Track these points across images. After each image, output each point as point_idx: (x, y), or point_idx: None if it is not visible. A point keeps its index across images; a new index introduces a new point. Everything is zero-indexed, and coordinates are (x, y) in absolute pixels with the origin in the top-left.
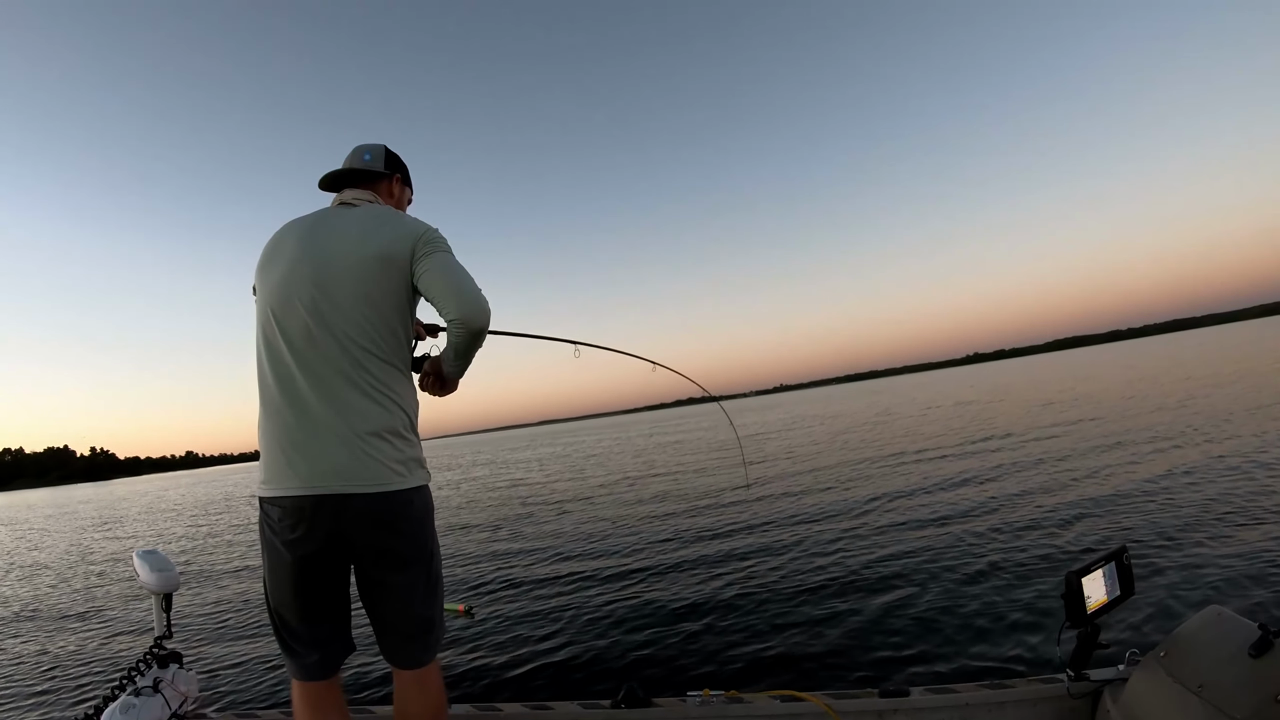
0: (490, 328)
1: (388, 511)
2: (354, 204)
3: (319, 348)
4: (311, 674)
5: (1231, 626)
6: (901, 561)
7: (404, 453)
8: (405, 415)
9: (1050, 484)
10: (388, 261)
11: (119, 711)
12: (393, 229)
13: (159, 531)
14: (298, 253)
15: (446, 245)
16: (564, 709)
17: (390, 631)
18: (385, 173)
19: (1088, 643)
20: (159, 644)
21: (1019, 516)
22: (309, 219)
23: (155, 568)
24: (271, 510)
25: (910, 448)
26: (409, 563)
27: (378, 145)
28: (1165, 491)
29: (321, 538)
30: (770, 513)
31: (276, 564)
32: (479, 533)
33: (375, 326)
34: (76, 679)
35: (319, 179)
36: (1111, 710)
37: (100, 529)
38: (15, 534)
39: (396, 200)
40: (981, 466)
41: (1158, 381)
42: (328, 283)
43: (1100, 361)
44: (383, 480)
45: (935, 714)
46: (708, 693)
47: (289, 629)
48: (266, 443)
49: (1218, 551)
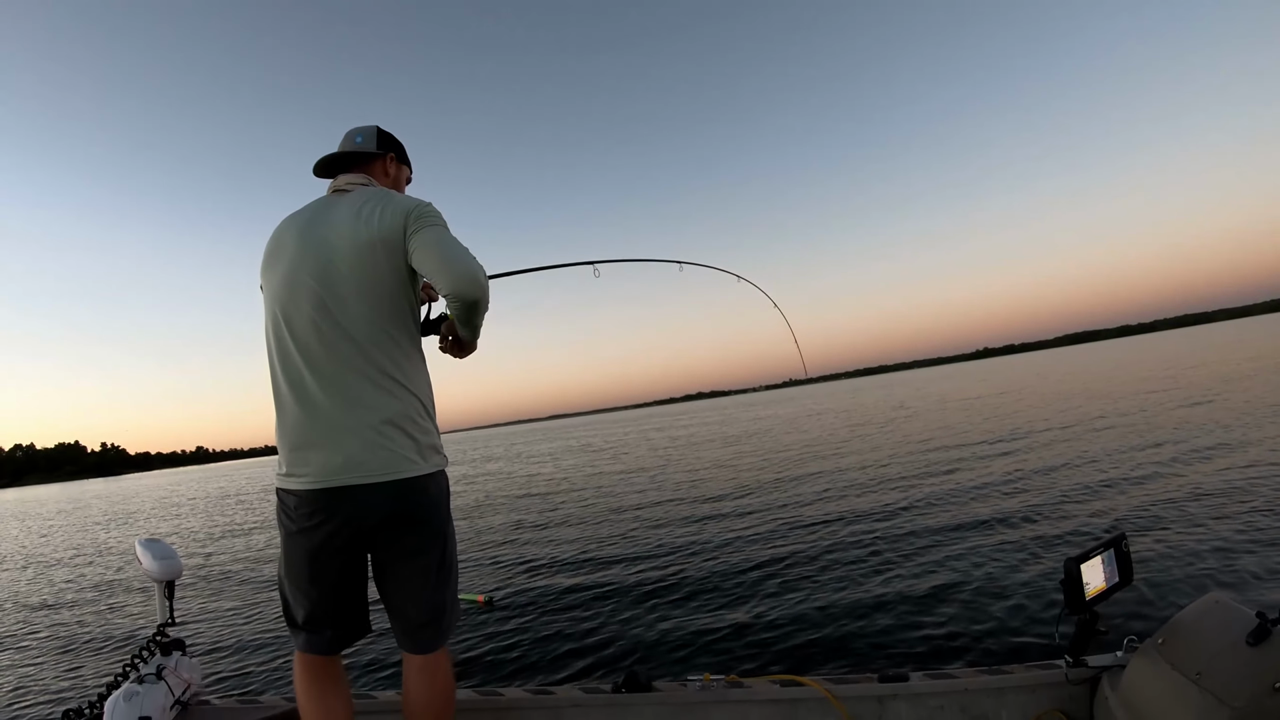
0: (500, 271)
1: (402, 499)
2: (347, 189)
3: (327, 344)
4: (319, 649)
5: (1230, 614)
6: (900, 547)
7: (418, 440)
8: (419, 401)
9: (1049, 471)
10: (384, 245)
11: (122, 699)
12: (385, 210)
13: (171, 524)
14: (298, 250)
15: (438, 218)
16: (565, 694)
17: (403, 617)
18: (378, 153)
19: (1086, 629)
20: (162, 631)
21: (1018, 503)
22: (305, 212)
23: (157, 555)
24: (288, 499)
25: (916, 438)
26: (423, 549)
27: (370, 126)
28: (1164, 479)
29: (336, 528)
30: (772, 502)
31: (292, 550)
32: (480, 523)
33: (383, 314)
34: (82, 667)
35: (313, 165)
36: (1110, 697)
37: (114, 522)
38: (27, 528)
39: (393, 180)
40: (981, 455)
41: (1166, 376)
42: (330, 277)
43: (1110, 356)
44: (396, 468)
45: (934, 699)
46: (708, 677)
47: (302, 607)
48: (281, 439)
49: (1216, 539)
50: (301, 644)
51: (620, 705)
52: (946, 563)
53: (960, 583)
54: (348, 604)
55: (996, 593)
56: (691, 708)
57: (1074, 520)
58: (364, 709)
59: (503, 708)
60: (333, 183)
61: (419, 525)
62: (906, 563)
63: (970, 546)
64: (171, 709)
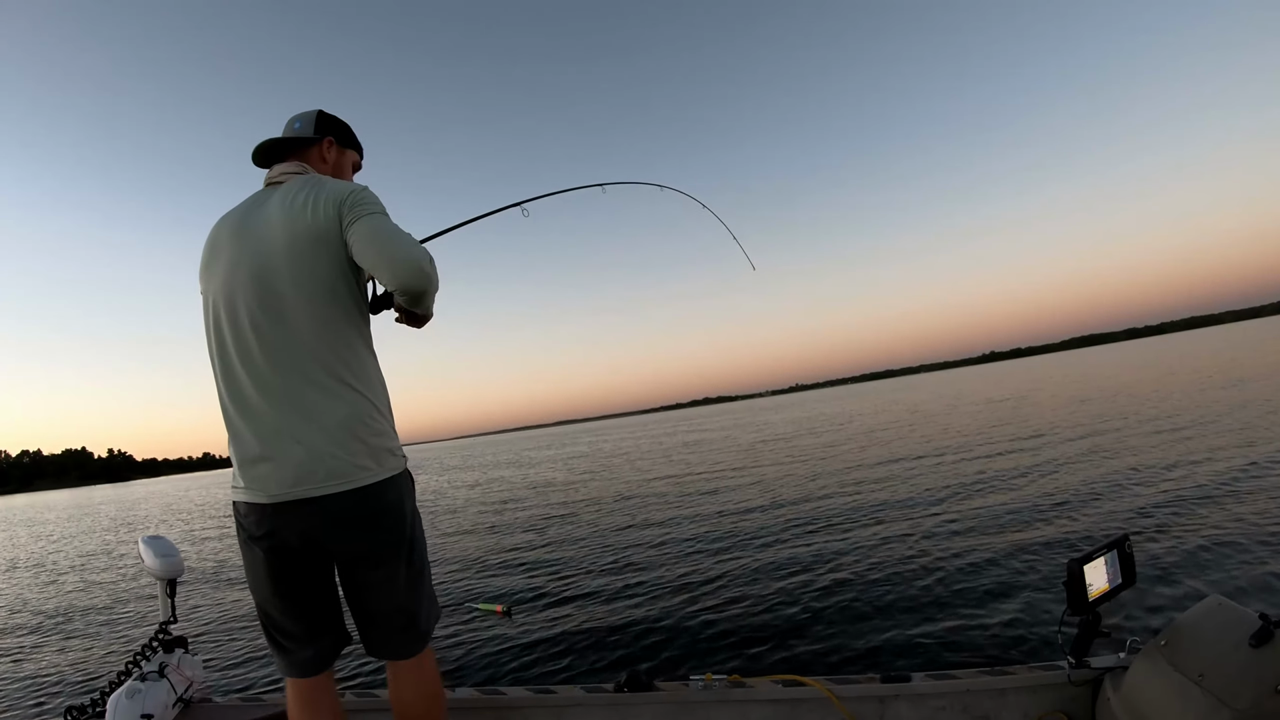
0: (434, 231)
1: (356, 508)
2: (281, 180)
3: (270, 349)
4: (304, 670)
5: (1232, 616)
6: (904, 548)
7: (370, 444)
8: (369, 402)
9: (1053, 473)
10: (320, 237)
11: (125, 696)
12: (317, 200)
13: (180, 529)
14: (233, 250)
15: (373, 205)
16: (568, 693)
17: (373, 626)
18: (314, 137)
19: (1089, 630)
20: (164, 629)
21: (1022, 505)
22: (239, 211)
23: (159, 553)
24: (242, 513)
25: (920, 441)
26: (386, 557)
27: (311, 111)
28: (1168, 481)
29: (293, 540)
30: (772, 504)
31: (253, 563)
32: (476, 527)
33: (326, 311)
34: (87, 664)
35: (251, 154)
36: (1112, 698)
37: (121, 526)
38: (35, 533)
39: (333, 166)
40: (985, 456)
41: (1172, 378)
42: (268, 277)
43: (1117, 360)
44: (350, 477)
45: (936, 700)
46: (710, 677)
47: (276, 625)
48: (232, 451)
49: (1219, 541)
50: (285, 668)
51: (622, 705)
52: (948, 563)
53: (962, 583)
54: (321, 617)
55: (999, 593)
56: (693, 707)
57: (1077, 521)
58: (366, 707)
59: (504, 707)
60: (267, 174)
61: (379, 533)
62: (909, 563)
63: (972, 546)
64: (174, 706)
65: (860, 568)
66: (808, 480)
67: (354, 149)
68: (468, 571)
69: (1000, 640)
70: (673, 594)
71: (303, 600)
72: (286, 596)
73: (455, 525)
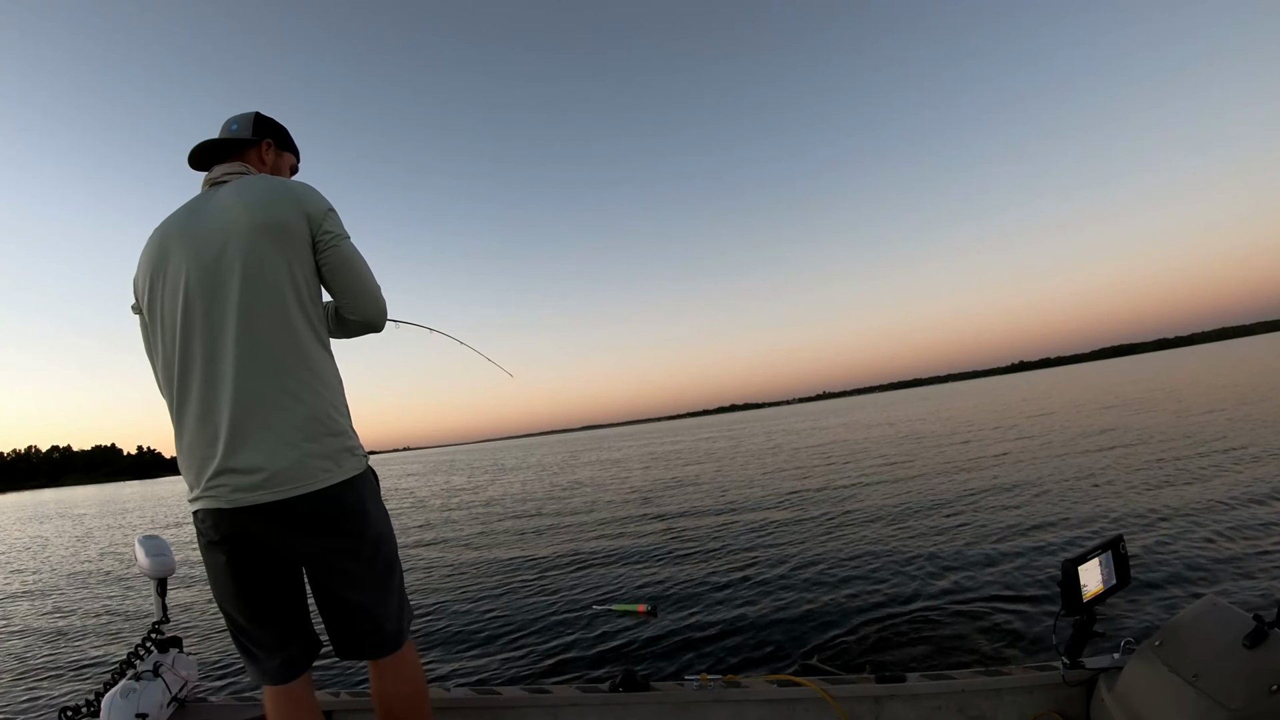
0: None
1: (315, 512)
2: (224, 180)
3: (222, 353)
4: (276, 678)
5: (1227, 617)
6: (899, 550)
7: (327, 445)
8: (327, 401)
9: (1049, 474)
10: (278, 232)
11: (119, 696)
12: (276, 197)
13: (190, 529)
14: (180, 253)
15: (342, 227)
16: (563, 693)
17: (339, 628)
18: (252, 139)
19: (1083, 631)
20: (157, 629)
21: (1017, 506)
22: (180, 214)
23: (151, 552)
24: (201, 520)
25: (921, 444)
26: (349, 559)
27: (248, 113)
28: (1163, 483)
29: (254, 545)
30: (772, 505)
31: (216, 570)
32: (475, 530)
33: (279, 308)
34: (84, 662)
35: (187, 155)
36: (1106, 698)
37: (145, 524)
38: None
39: (271, 167)
40: (982, 459)
41: (1194, 389)
42: (218, 276)
43: (1147, 371)
44: (309, 480)
45: (931, 700)
46: (705, 677)
47: (244, 632)
48: (185, 458)
49: (1214, 542)
50: (257, 676)
51: (617, 704)
52: (945, 563)
53: (959, 583)
54: (288, 622)
55: (994, 594)
56: (688, 707)
57: (1071, 521)
58: (360, 706)
59: (500, 706)
60: (207, 175)
61: (343, 535)
62: (905, 564)
63: (968, 546)
64: (168, 706)
65: (855, 567)
66: (803, 481)
67: (291, 151)
68: (458, 565)
69: (995, 640)
70: (667, 594)
71: (268, 605)
72: (252, 602)
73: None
